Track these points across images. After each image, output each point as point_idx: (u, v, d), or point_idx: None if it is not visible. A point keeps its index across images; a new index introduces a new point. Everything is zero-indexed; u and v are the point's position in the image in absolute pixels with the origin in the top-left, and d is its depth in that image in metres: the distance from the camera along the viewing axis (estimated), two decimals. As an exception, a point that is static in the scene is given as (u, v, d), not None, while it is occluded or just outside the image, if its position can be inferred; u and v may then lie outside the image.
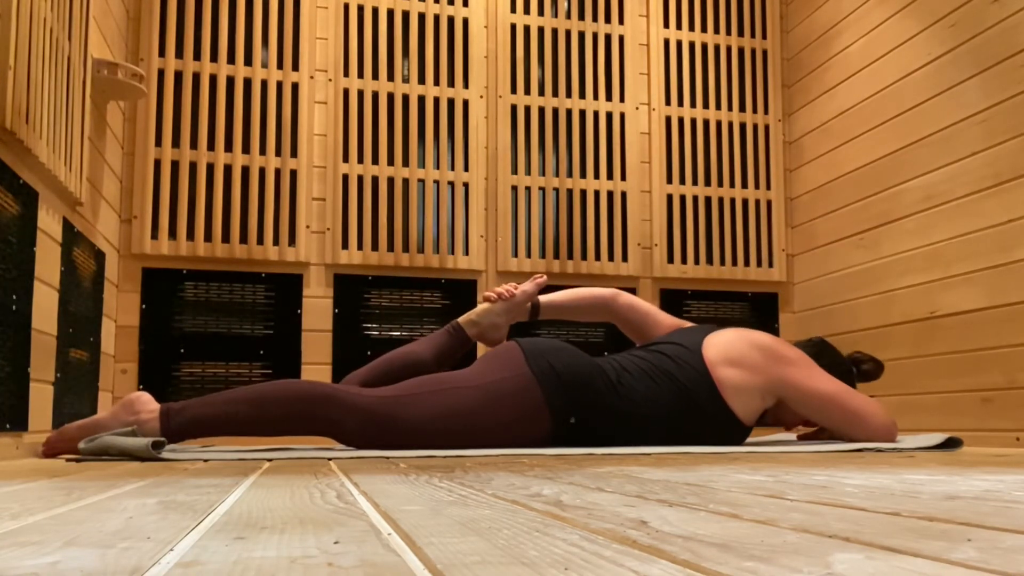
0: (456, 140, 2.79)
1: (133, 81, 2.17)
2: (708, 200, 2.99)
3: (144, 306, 2.50)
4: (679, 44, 3.03)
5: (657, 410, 1.77)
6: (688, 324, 2.04)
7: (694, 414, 1.78)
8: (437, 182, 2.76)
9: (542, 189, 2.85)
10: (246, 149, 2.62)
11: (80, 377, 2.05)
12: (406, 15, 2.80)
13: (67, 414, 1.92)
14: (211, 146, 2.59)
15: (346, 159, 2.70)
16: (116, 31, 2.40)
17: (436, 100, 2.79)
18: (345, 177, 2.69)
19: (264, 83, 2.66)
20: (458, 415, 1.69)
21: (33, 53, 1.59)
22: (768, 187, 3.04)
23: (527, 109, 2.86)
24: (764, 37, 3.11)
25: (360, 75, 2.74)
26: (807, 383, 1.79)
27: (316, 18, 2.73)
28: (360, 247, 2.67)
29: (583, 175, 2.89)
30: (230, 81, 2.63)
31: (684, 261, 2.93)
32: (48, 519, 0.62)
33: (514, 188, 2.82)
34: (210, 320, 2.55)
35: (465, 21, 2.85)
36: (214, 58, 2.62)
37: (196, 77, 2.60)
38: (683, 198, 2.97)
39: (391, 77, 2.77)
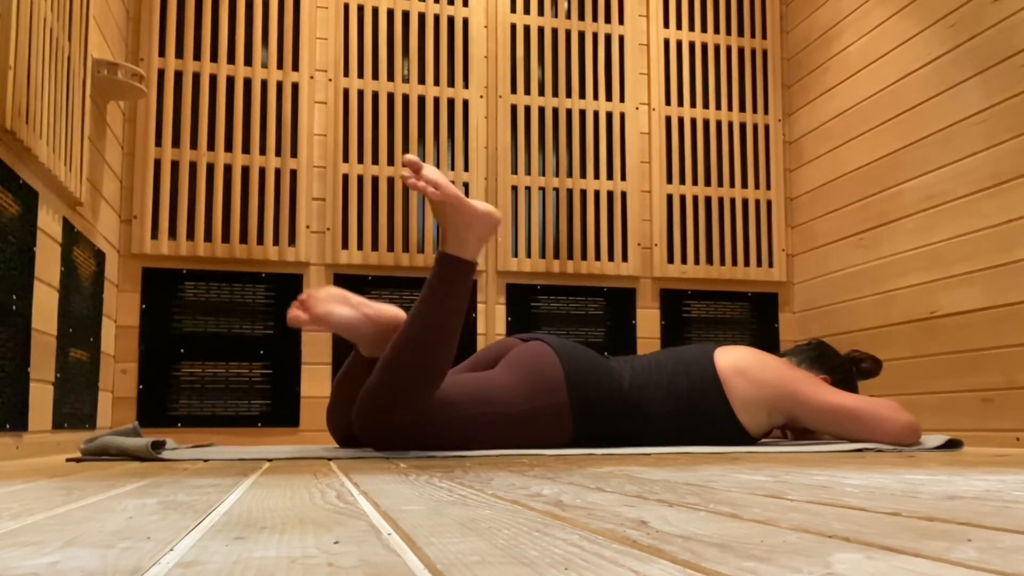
0: (456, 140, 2.79)
1: (133, 81, 2.17)
2: (708, 200, 2.98)
3: (144, 306, 2.50)
4: (679, 44, 3.03)
5: (668, 425, 1.82)
6: None
7: (700, 421, 1.81)
8: (437, 182, 2.76)
9: (542, 189, 2.85)
10: (246, 149, 2.62)
11: (80, 377, 2.05)
12: (406, 15, 2.80)
13: (67, 414, 1.92)
14: (211, 146, 2.59)
15: (346, 159, 2.70)
16: (116, 31, 2.40)
17: (436, 100, 2.79)
18: (345, 177, 2.69)
19: (264, 83, 2.65)
20: (492, 429, 1.69)
21: (33, 53, 1.59)
22: (768, 187, 3.04)
23: (527, 109, 2.86)
24: (764, 37, 3.11)
25: (360, 75, 2.74)
26: (818, 398, 1.79)
27: (316, 18, 2.73)
28: (360, 247, 2.67)
29: (583, 175, 2.89)
30: (230, 81, 2.63)
31: (684, 261, 2.93)
32: (48, 519, 0.62)
33: (514, 188, 2.82)
34: (210, 320, 2.55)
35: (465, 21, 2.85)
36: (214, 58, 2.62)
37: (196, 77, 2.60)
38: (683, 198, 2.96)
39: (391, 77, 2.77)
